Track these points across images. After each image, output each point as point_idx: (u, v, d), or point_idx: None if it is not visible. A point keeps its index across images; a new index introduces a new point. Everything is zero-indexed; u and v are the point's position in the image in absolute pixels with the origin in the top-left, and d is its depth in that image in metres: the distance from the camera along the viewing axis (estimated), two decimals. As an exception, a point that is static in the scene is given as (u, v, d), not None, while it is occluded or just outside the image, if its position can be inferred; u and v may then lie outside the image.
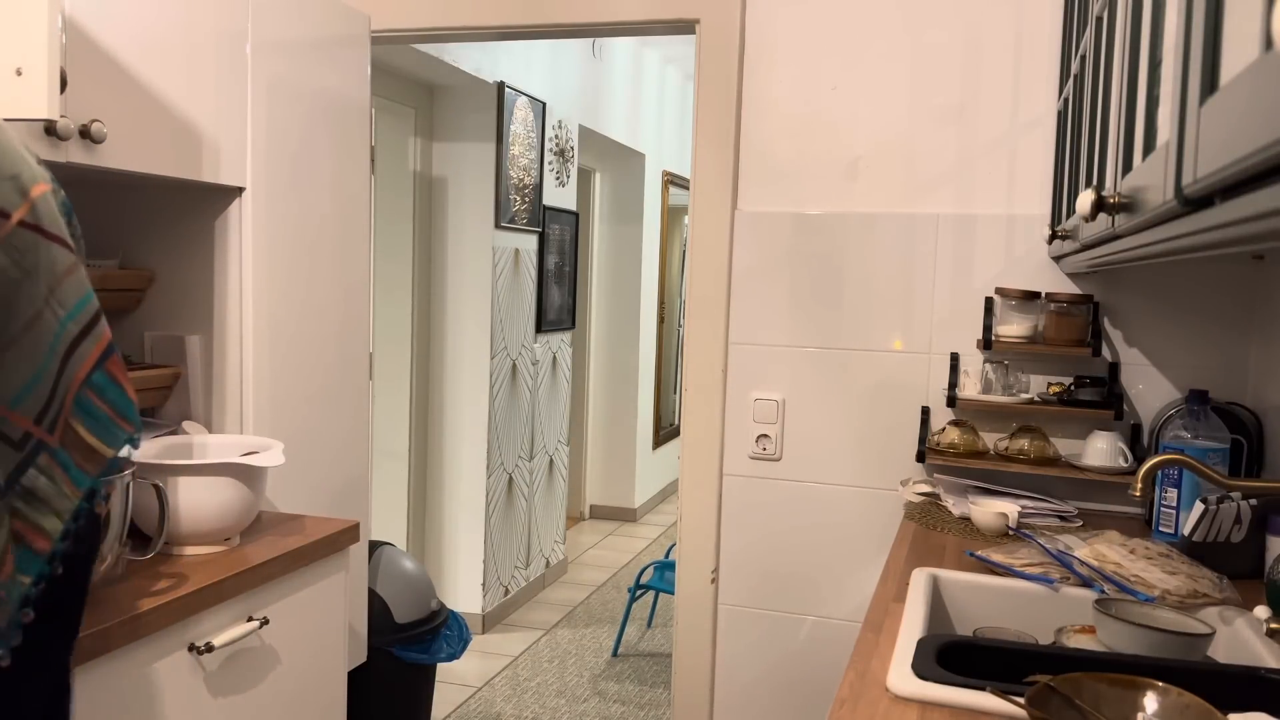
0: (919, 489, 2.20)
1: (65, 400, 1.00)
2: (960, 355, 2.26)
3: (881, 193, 2.32)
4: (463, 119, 3.97)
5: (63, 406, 1.00)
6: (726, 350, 2.43)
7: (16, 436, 0.97)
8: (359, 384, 2.28)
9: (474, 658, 3.80)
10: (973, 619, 1.64)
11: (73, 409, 1.01)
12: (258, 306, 1.94)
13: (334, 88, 2.13)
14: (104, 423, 1.05)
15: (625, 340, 5.94)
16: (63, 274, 1.02)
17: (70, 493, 1.01)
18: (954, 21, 2.25)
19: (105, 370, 1.07)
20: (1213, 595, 1.51)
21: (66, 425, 1.01)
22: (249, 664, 1.59)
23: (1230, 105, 0.56)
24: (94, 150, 1.52)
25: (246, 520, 1.67)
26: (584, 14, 2.47)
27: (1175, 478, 1.85)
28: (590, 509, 6.05)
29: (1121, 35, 1.16)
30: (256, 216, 1.92)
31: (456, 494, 4.09)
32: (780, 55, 2.36)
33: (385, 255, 3.88)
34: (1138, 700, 1.08)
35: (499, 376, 4.10)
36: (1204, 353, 2.13)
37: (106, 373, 1.07)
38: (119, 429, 1.07)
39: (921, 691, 1.16)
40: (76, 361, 1.03)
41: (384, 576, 2.56)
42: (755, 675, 2.47)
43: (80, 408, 1.02)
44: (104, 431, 1.05)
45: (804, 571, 2.42)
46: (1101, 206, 1.03)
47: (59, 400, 0.99)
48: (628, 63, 5.36)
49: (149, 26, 1.64)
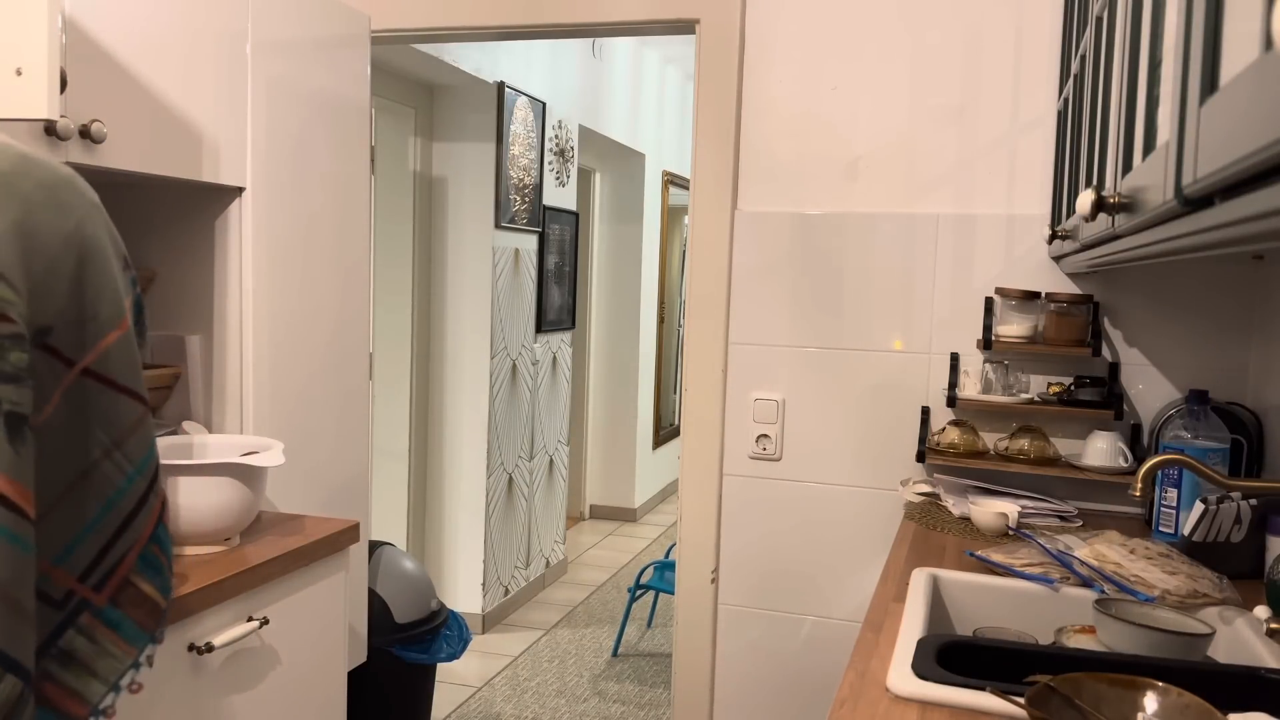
0: (919, 489, 2.20)
1: (128, 556, 0.95)
2: (960, 355, 2.26)
3: (881, 193, 2.32)
4: (463, 119, 3.97)
5: (120, 563, 0.94)
6: (726, 350, 2.43)
7: (59, 596, 0.90)
8: (359, 384, 2.28)
9: (474, 658, 3.80)
10: (973, 619, 1.64)
11: (136, 564, 0.96)
12: (258, 306, 1.94)
13: (334, 88, 2.13)
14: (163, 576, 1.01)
15: (625, 340, 5.94)
16: (130, 427, 0.96)
17: (122, 652, 0.95)
18: (954, 21, 2.25)
19: (163, 522, 1.04)
20: (1213, 595, 1.51)
21: (125, 583, 0.95)
22: (249, 664, 1.59)
23: (1230, 105, 0.56)
24: (94, 150, 1.52)
25: (246, 520, 1.67)
26: (584, 14, 2.47)
27: (1175, 478, 1.85)
28: (590, 509, 6.05)
29: (1121, 35, 1.16)
30: (256, 216, 1.92)
31: (456, 494, 4.09)
32: (780, 55, 2.36)
33: (385, 255, 3.89)
34: (1138, 700, 1.08)
35: (499, 376, 4.10)
36: (1204, 353, 2.13)
37: (164, 524, 1.04)
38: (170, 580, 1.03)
39: (921, 691, 1.16)
40: (144, 517, 0.98)
41: (384, 576, 2.56)
42: (755, 675, 2.47)
43: (145, 562, 0.97)
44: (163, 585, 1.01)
45: (804, 571, 2.42)
46: (1101, 206, 1.03)
47: (115, 556, 0.94)
48: (628, 63, 5.36)
49: (149, 26, 1.65)
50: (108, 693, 0.94)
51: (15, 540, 0.80)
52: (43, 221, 0.85)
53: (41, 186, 0.87)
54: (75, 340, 0.88)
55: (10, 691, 0.80)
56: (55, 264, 0.85)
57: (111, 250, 0.97)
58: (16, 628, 0.80)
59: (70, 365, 0.89)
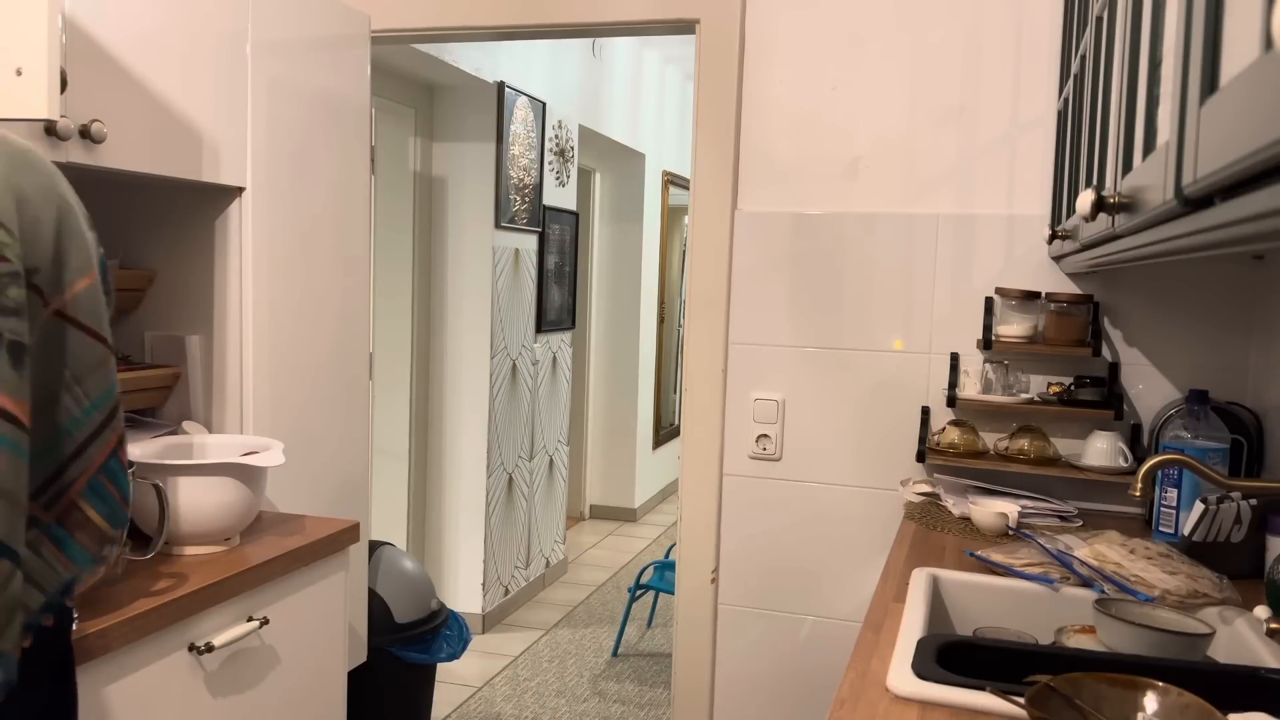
0: (919, 489, 2.20)
1: (77, 482, 1.05)
2: (960, 355, 2.26)
3: (881, 193, 2.32)
4: (463, 119, 3.97)
5: (69, 487, 1.04)
6: (726, 350, 2.43)
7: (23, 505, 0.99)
8: (359, 384, 2.28)
9: (474, 658, 3.80)
10: (973, 619, 1.64)
11: (84, 491, 1.06)
12: (258, 306, 1.94)
13: (334, 88, 2.13)
14: (112, 506, 1.11)
15: (625, 340, 5.94)
16: (91, 366, 1.07)
17: (63, 568, 1.05)
18: (954, 21, 2.25)
19: (117, 458, 1.13)
20: (1213, 595, 1.51)
21: (72, 505, 1.05)
22: (249, 664, 1.59)
23: (1230, 105, 0.56)
24: (94, 150, 1.52)
25: (246, 520, 1.67)
26: (584, 14, 2.47)
27: (1175, 478, 1.85)
28: (590, 509, 6.05)
29: (1121, 35, 1.16)
30: (256, 216, 1.92)
31: (456, 494, 4.09)
32: (780, 55, 2.36)
33: (385, 255, 3.89)
34: (1138, 700, 1.08)
35: (499, 376, 4.10)
36: (1204, 353, 2.13)
37: (119, 460, 1.14)
38: (123, 512, 1.13)
39: (921, 691, 1.16)
40: (96, 448, 1.08)
41: (384, 576, 2.56)
42: (755, 675, 2.47)
43: (92, 490, 1.07)
44: (111, 514, 1.10)
45: (804, 571, 2.42)
46: (1101, 206, 1.03)
47: (65, 481, 1.04)
48: (628, 63, 5.36)
49: (149, 26, 1.65)
50: (43, 599, 1.04)
51: (16, 450, 0.94)
52: (26, 179, 0.99)
53: (17, 150, 1.01)
54: (53, 283, 1.01)
55: (17, 586, 0.93)
56: (39, 214, 0.99)
57: (79, 210, 1.11)
58: (13, 520, 0.93)
59: (46, 305, 1.01)
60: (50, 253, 1.01)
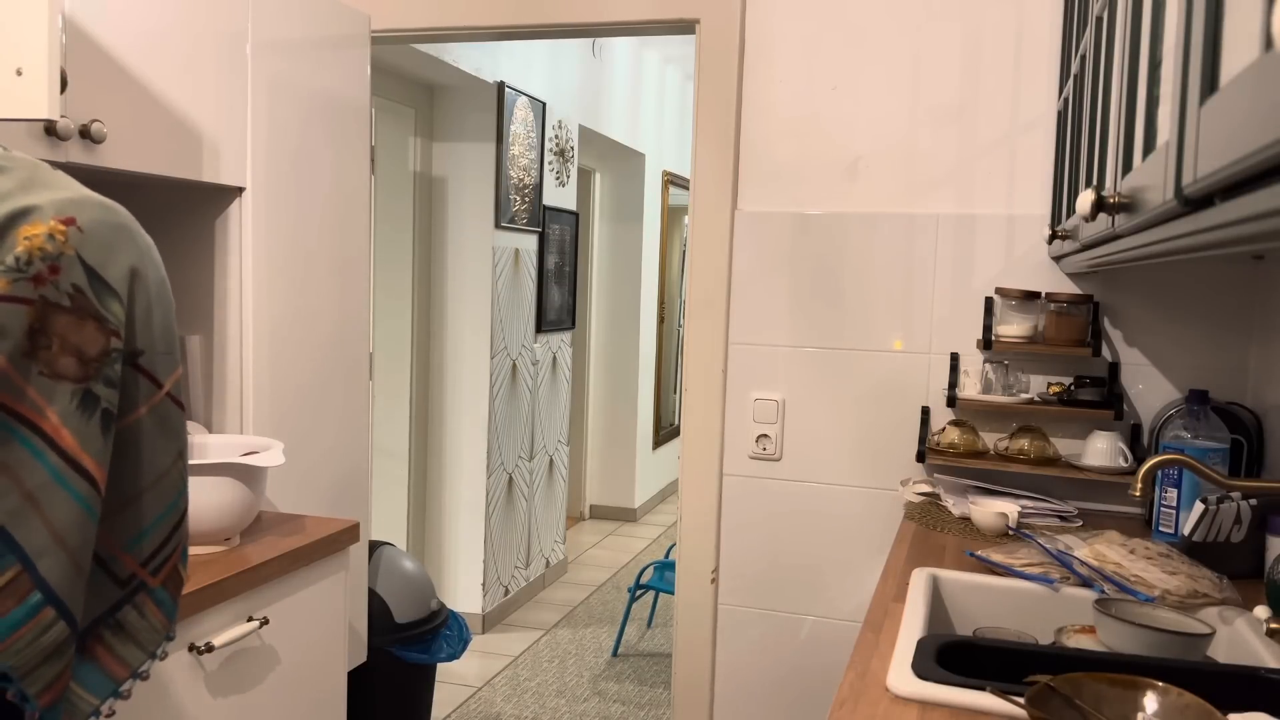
0: (919, 489, 2.20)
1: (178, 548, 1.14)
2: (960, 355, 2.26)
3: (881, 193, 2.32)
4: (463, 119, 3.97)
5: (174, 552, 1.13)
6: (726, 350, 2.43)
7: (123, 575, 1.09)
8: (359, 384, 2.28)
9: (474, 658, 3.80)
10: (973, 619, 1.64)
11: (181, 555, 1.15)
12: (258, 306, 1.94)
13: (334, 88, 2.13)
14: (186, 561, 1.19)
15: (625, 340, 5.94)
16: (187, 439, 1.15)
17: (161, 626, 1.13)
18: (953, 22, 2.25)
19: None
20: (1213, 595, 1.51)
21: (174, 569, 1.14)
22: (249, 664, 1.59)
23: (1230, 105, 0.56)
24: (94, 150, 1.52)
25: (246, 520, 1.67)
26: (584, 14, 2.47)
27: (1175, 478, 1.85)
28: (590, 509, 6.05)
29: (1121, 35, 1.16)
30: (256, 216, 1.92)
31: (456, 494, 4.09)
32: (780, 55, 2.36)
33: (385, 255, 3.88)
34: (1138, 700, 1.08)
35: (499, 376, 4.10)
36: (1204, 353, 2.13)
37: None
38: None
39: (921, 691, 1.16)
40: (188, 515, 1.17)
41: (384, 576, 2.56)
42: (755, 675, 2.47)
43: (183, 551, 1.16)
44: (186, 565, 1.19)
45: (804, 571, 2.42)
46: (1101, 206, 1.03)
47: (171, 546, 1.12)
48: (628, 63, 5.36)
49: (149, 26, 1.65)
50: (146, 659, 1.12)
51: (88, 508, 1.00)
52: (149, 270, 1.07)
53: (148, 245, 1.09)
54: (161, 367, 1.10)
55: (60, 635, 0.99)
56: (150, 306, 1.07)
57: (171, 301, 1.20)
58: (77, 583, 1.00)
59: (159, 387, 1.09)
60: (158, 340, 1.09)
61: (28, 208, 0.98)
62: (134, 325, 1.05)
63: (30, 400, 0.96)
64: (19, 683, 0.98)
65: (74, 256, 0.99)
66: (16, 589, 0.95)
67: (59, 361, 0.98)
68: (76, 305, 0.99)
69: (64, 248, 0.98)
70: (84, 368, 1.00)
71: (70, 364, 0.99)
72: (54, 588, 0.98)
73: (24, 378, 0.96)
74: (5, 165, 1.01)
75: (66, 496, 0.98)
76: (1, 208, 0.97)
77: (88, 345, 1.00)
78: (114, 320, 1.02)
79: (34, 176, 1.02)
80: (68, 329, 0.98)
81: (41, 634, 0.98)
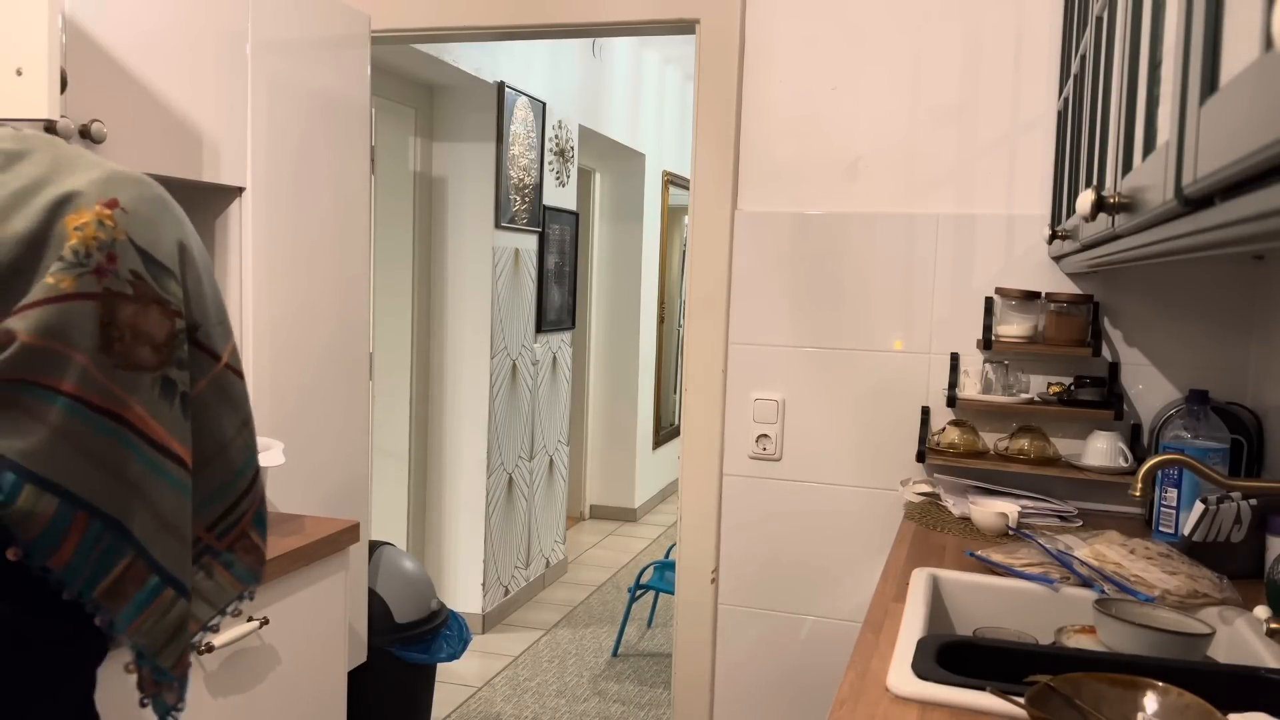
0: (919, 489, 2.20)
1: (246, 515, 1.15)
2: (960, 355, 2.26)
3: (881, 193, 2.32)
4: (463, 119, 3.97)
5: (242, 518, 1.15)
6: (726, 350, 2.43)
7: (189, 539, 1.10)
8: (359, 384, 2.28)
9: (474, 658, 3.80)
10: (973, 619, 1.64)
11: (253, 519, 1.17)
12: (258, 306, 1.94)
13: (334, 88, 2.13)
14: (266, 526, 1.21)
15: (625, 340, 5.94)
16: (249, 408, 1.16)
17: (231, 586, 1.15)
18: (953, 22, 2.25)
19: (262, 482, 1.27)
20: (1213, 595, 1.51)
21: (242, 534, 1.15)
22: (249, 664, 1.59)
23: (1230, 105, 0.56)
24: (94, 150, 1.52)
25: (246, 520, 1.67)
26: (584, 14, 2.47)
27: (1175, 478, 1.85)
28: (590, 509, 6.05)
29: (1121, 35, 1.16)
30: (256, 216, 1.92)
31: (456, 494, 4.09)
32: (780, 55, 2.36)
33: (385, 255, 3.88)
34: (1138, 700, 1.08)
35: (499, 376, 4.10)
36: (1204, 353, 2.13)
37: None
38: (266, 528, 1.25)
39: (921, 691, 1.16)
40: (261, 484, 1.19)
41: (384, 576, 2.56)
42: (755, 675, 2.47)
43: (258, 518, 1.17)
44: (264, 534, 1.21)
45: (804, 571, 2.42)
46: (1101, 206, 1.03)
47: (239, 513, 1.14)
48: (628, 63, 5.36)
49: (149, 26, 1.65)
50: (215, 615, 1.14)
51: (184, 490, 1.02)
52: (191, 240, 1.06)
53: (182, 213, 1.07)
54: (217, 338, 1.08)
55: (183, 611, 1.03)
56: (200, 278, 1.06)
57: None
58: (180, 554, 1.03)
59: (217, 359, 1.08)
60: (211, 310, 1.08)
61: (68, 194, 0.95)
62: (189, 301, 1.04)
63: (116, 396, 0.95)
64: (153, 659, 1.01)
65: (126, 241, 0.96)
66: (135, 575, 0.99)
67: (134, 352, 0.97)
68: (139, 292, 0.97)
69: (115, 233, 0.95)
70: (157, 354, 0.98)
71: (145, 353, 0.97)
72: (169, 570, 1.01)
73: (107, 375, 0.95)
74: (24, 149, 0.98)
75: (165, 484, 1.00)
76: (41, 197, 0.94)
77: (156, 331, 0.98)
78: (175, 300, 1.00)
79: (58, 157, 0.99)
80: (135, 317, 0.96)
81: (165, 613, 1.01)
